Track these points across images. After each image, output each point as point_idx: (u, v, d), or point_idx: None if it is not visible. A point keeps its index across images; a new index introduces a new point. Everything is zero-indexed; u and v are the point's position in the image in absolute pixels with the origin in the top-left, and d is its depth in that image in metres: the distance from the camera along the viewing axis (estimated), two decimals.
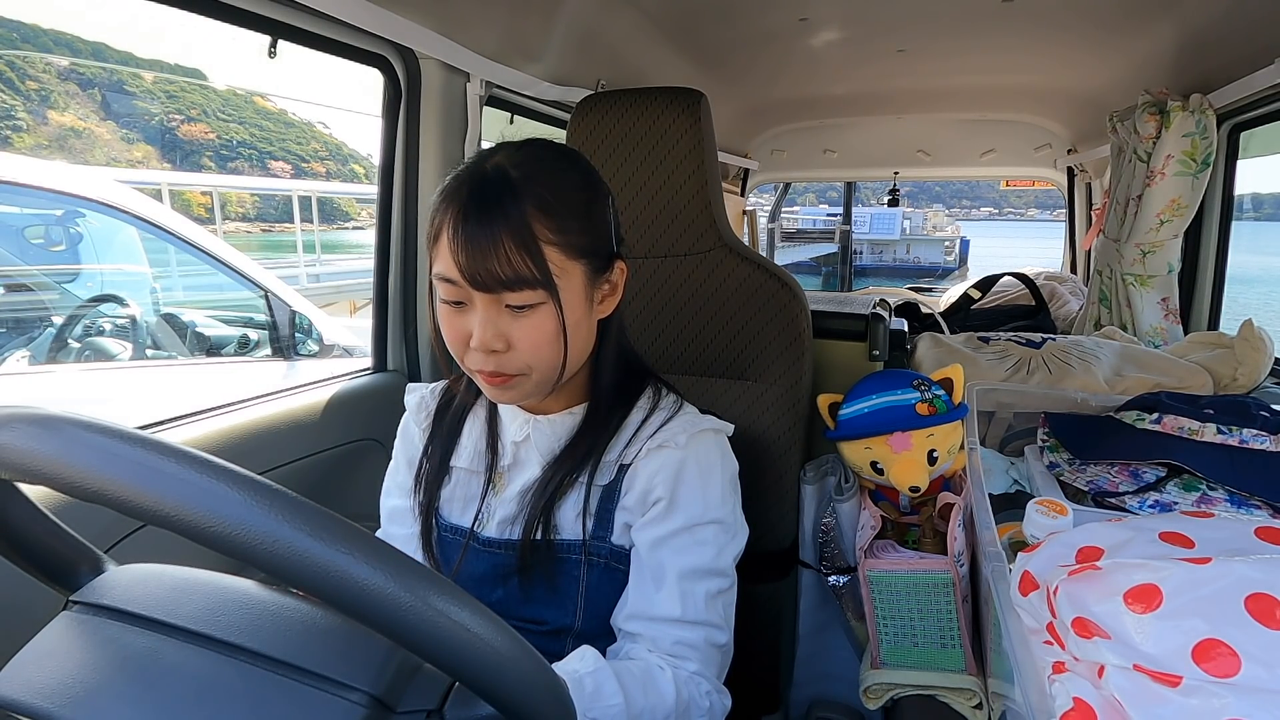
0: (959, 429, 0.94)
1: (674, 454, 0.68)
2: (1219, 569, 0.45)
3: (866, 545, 0.88)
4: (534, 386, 0.64)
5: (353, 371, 1.25)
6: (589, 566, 0.69)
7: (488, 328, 0.60)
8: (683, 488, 0.68)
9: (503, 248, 0.57)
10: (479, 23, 1.16)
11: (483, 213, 0.58)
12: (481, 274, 0.57)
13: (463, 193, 0.59)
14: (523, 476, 0.72)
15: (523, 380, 0.63)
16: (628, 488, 0.69)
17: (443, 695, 0.40)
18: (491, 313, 0.60)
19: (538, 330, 0.60)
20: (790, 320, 1.01)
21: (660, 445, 0.68)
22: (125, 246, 2.36)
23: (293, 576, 0.31)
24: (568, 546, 0.69)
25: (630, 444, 0.70)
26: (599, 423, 0.70)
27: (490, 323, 0.60)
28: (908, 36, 1.68)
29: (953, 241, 24.19)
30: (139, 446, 0.32)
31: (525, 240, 0.58)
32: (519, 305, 0.60)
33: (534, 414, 0.73)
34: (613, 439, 0.70)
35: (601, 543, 0.69)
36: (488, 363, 0.61)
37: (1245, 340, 1.15)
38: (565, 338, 0.62)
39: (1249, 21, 1.27)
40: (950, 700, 0.84)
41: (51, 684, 0.37)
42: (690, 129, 0.99)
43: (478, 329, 0.60)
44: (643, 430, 0.70)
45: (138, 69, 26.20)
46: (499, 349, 0.61)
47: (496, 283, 0.58)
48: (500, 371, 0.62)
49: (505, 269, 0.57)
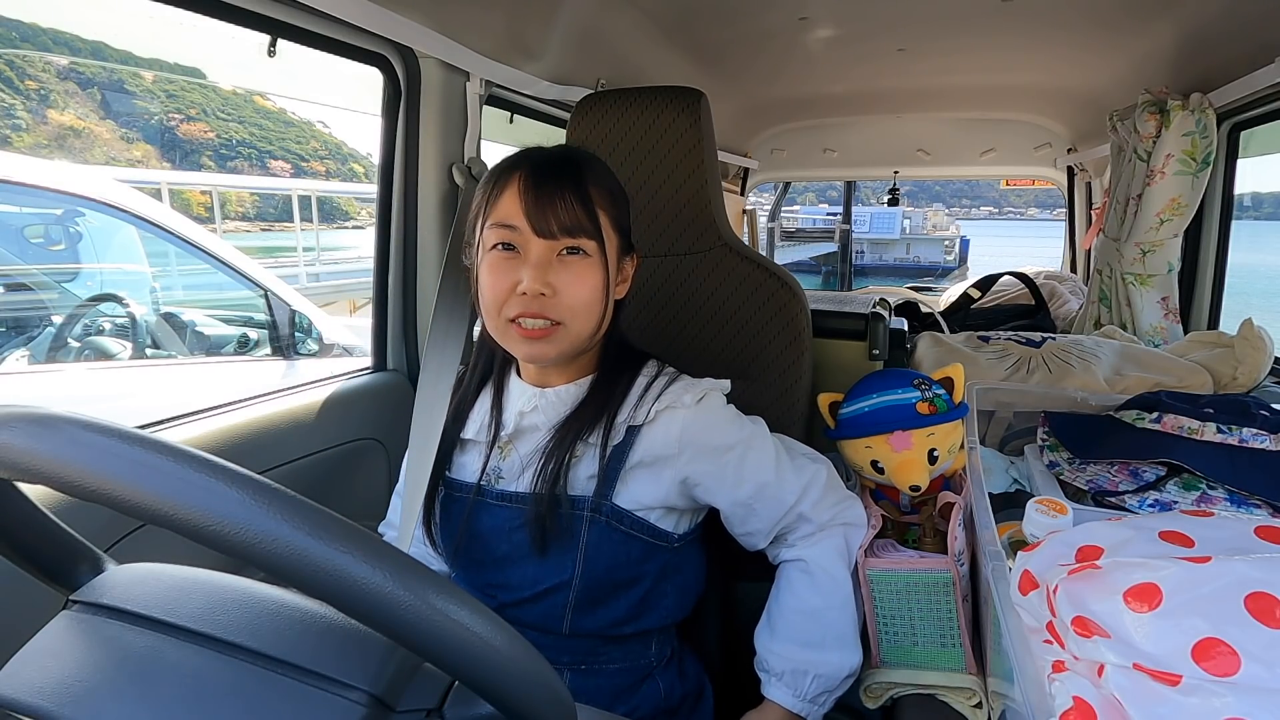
0: (959, 428, 0.94)
1: (680, 415, 0.74)
2: (1219, 568, 0.45)
3: (867, 544, 0.88)
4: (569, 343, 0.70)
5: (352, 371, 1.25)
6: (590, 524, 0.72)
7: (541, 271, 0.67)
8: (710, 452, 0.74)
9: (567, 198, 0.67)
10: (479, 22, 1.16)
11: (550, 170, 0.68)
12: (546, 219, 0.66)
13: (530, 157, 0.70)
14: (529, 442, 0.76)
15: (561, 332, 0.68)
16: (637, 448, 0.73)
17: (442, 694, 0.40)
18: (545, 258, 0.67)
19: (584, 279, 0.68)
20: (790, 319, 1.01)
21: (669, 407, 0.73)
22: (125, 246, 2.36)
23: (292, 576, 0.31)
24: (575, 502, 0.72)
25: (639, 405, 0.74)
26: (606, 387, 0.75)
27: (543, 267, 0.67)
28: (907, 35, 1.68)
29: (953, 241, 24.16)
30: (138, 446, 0.32)
31: (584, 197, 0.68)
32: (572, 249, 0.68)
33: (541, 387, 0.77)
34: (621, 403, 0.74)
35: (604, 500, 0.73)
36: (532, 305, 0.67)
37: (1245, 339, 1.15)
38: (607, 291, 0.70)
39: (1249, 20, 1.26)
40: (950, 699, 0.84)
41: (51, 683, 0.37)
42: (690, 128, 0.99)
43: (530, 271, 0.66)
44: (649, 393, 0.75)
45: (137, 68, 26.14)
46: (546, 293, 0.67)
47: (559, 228, 0.66)
48: (543, 315, 0.67)
49: (567, 216, 0.66)
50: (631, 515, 0.73)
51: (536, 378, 0.78)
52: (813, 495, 0.79)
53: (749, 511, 0.77)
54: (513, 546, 0.74)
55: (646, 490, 0.74)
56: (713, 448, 0.74)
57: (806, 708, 0.74)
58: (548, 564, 0.73)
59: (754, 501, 0.77)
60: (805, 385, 1.02)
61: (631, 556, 0.74)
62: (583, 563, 0.72)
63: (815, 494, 0.79)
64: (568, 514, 0.72)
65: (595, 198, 0.69)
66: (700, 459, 0.74)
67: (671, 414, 0.74)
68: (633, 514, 0.73)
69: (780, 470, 0.77)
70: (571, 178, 0.68)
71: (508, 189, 0.68)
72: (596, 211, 0.69)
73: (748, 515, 0.78)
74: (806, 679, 0.74)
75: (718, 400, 0.78)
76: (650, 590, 0.77)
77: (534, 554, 0.73)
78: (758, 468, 0.76)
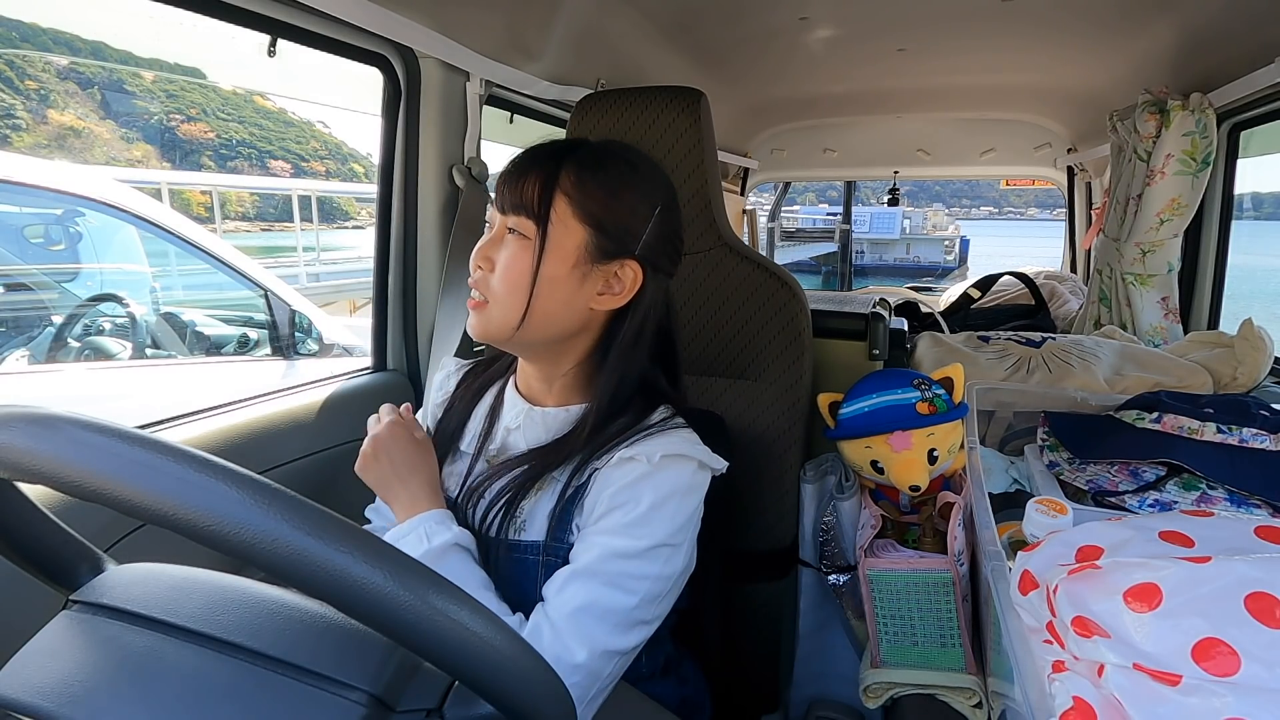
0: (959, 428, 0.94)
1: (638, 468, 0.64)
2: (1219, 568, 0.45)
3: (867, 544, 0.88)
4: (495, 325, 0.66)
5: (352, 371, 1.25)
6: (545, 568, 0.67)
7: (486, 244, 0.66)
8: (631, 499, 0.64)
9: (528, 177, 0.64)
10: (479, 22, 1.16)
11: (537, 149, 0.67)
12: (505, 192, 0.65)
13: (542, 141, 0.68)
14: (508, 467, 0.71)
15: (487, 311, 0.66)
16: (591, 492, 0.67)
17: (442, 694, 0.40)
18: (497, 234, 0.66)
19: (513, 259, 0.65)
20: (790, 319, 1.01)
21: (631, 457, 0.65)
22: (125, 245, 2.36)
23: (292, 576, 0.31)
24: (527, 547, 0.67)
25: (609, 450, 0.67)
26: (590, 425, 0.68)
27: (491, 241, 0.66)
28: (908, 35, 1.68)
29: (952, 241, 24.17)
30: (138, 446, 0.32)
31: (545, 176, 0.64)
32: (512, 229, 0.65)
33: (531, 404, 0.73)
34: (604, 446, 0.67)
35: (560, 544, 0.67)
36: (473, 275, 0.66)
37: (1245, 339, 1.15)
38: (534, 281, 0.64)
39: (1249, 20, 1.26)
40: (950, 699, 0.84)
41: (51, 683, 0.37)
42: (690, 128, 0.99)
43: (480, 242, 0.67)
44: (624, 438, 0.67)
45: (137, 68, 26.15)
46: (483, 267, 0.66)
47: (508, 204, 0.65)
48: (477, 286, 0.66)
49: (517, 194, 0.64)
50: None
51: (525, 390, 0.74)
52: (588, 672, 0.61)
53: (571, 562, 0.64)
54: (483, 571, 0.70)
55: None
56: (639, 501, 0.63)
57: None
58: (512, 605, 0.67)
59: (573, 568, 0.63)
60: (805, 385, 1.02)
61: None
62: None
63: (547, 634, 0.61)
64: (520, 559, 0.67)
65: (564, 181, 0.64)
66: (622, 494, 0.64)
67: (632, 465, 0.65)
68: None
69: (617, 596, 0.61)
70: (545, 156, 0.65)
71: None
72: (553, 193, 0.63)
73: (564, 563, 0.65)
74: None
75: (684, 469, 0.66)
76: None
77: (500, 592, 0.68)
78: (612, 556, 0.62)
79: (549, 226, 0.64)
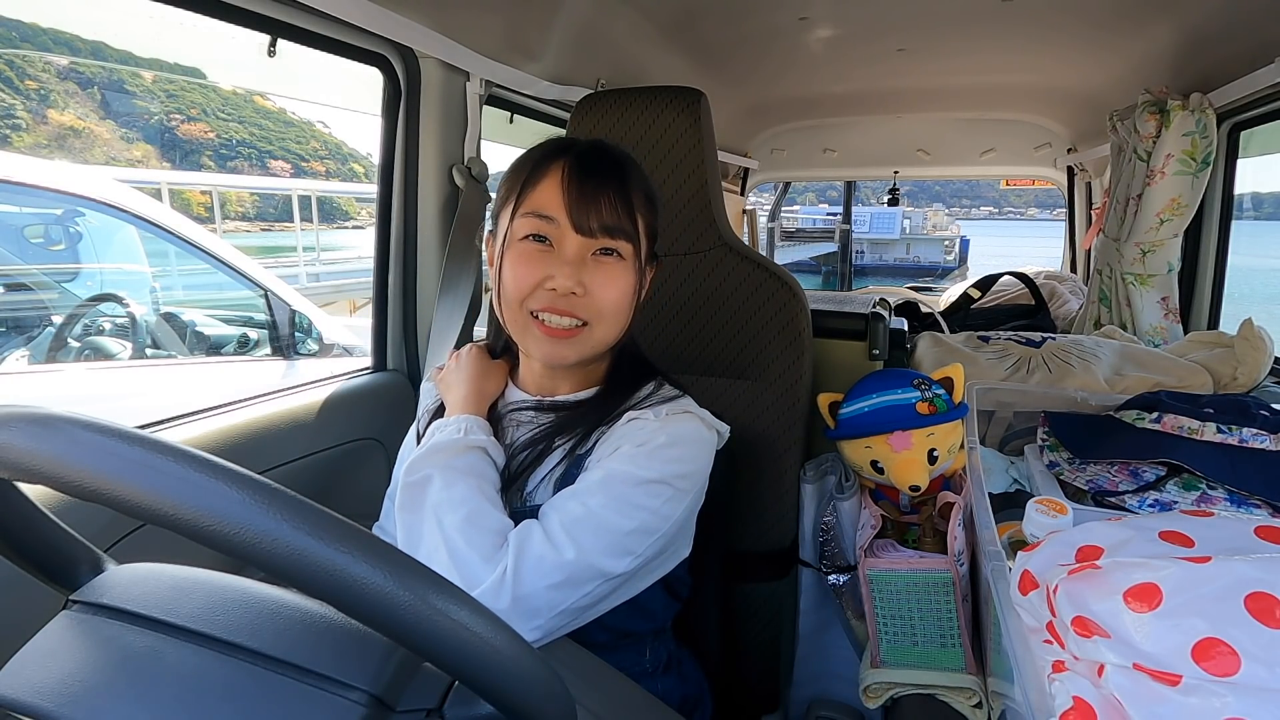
0: (959, 428, 0.94)
1: (647, 424, 0.69)
2: (1219, 568, 0.45)
3: (866, 544, 0.88)
4: (592, 346, 0.68)
5: (352, 371, 1.25)
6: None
7: (576, 268, 0.65)
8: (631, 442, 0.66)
9: (610, 197, 0.65)
10: (479, 22, 1.16)
11: (596, 165, 0.66)
12: (588, 215, 0.64)
13: (575, 148, 0.68)
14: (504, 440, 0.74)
15: (586, 334, 0.67)
16: (597, 451, 0.70)
17: (442, 694, 0.40)
18: (580, 255, 0.66)
19: (616, 281, 0.67)
20: (790, 319, 1.01)
21: (637, 416, 0.70)
22: (125, 245, 2.36)
23: (292, 575, 0.31)
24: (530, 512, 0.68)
25: (614, 417, 0.71)
26: (603, 404, 0.73)
27: (578, 264, 0.65)
28: (908, 36, 1.68)
29: (952, 241, 24.18)
30: (138, 446, 0.32)
31: (626, 197, 0.66)
32: (607, 250, 0.66)
33: (545, 395, 0.75)
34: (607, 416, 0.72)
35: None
36: (561, 303, 0.65)
37: (1245, 339, 1.15)
38: (638, 297, 0.69)
39: (1249, 20, 1.26)
40: (950, 699, 0.84)
41: (51, 683, 0.37)
42: (690, 128, 0.99)
43: (564, 268, 0.64)
44: (629, 405, 0.72)
45: (137, 68, 26.16)
46: (578, 292, 0.65)
47: (599, 227, 0.65)
48: (571, 313, 0.66)
49: (609, 215, 0.65)
50: None
51: (541, 384, 0.75)
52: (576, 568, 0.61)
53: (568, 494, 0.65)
54: None
55: None
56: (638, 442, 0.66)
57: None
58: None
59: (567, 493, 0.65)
60: (805, 385, 1.02)
61: None
62: None
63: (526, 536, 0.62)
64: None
65: (635, 200, 0.68)
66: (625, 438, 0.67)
67: (635, 422, 0.69)
68: None
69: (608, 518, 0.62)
70: (616, 176, 0.67)
71: (546, 178, 0.65)
72: (636, 214, 0.67)
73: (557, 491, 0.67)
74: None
75: (686, 418, 0.70)
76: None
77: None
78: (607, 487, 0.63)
79: (639, 245, 0.67)
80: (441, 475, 0.64)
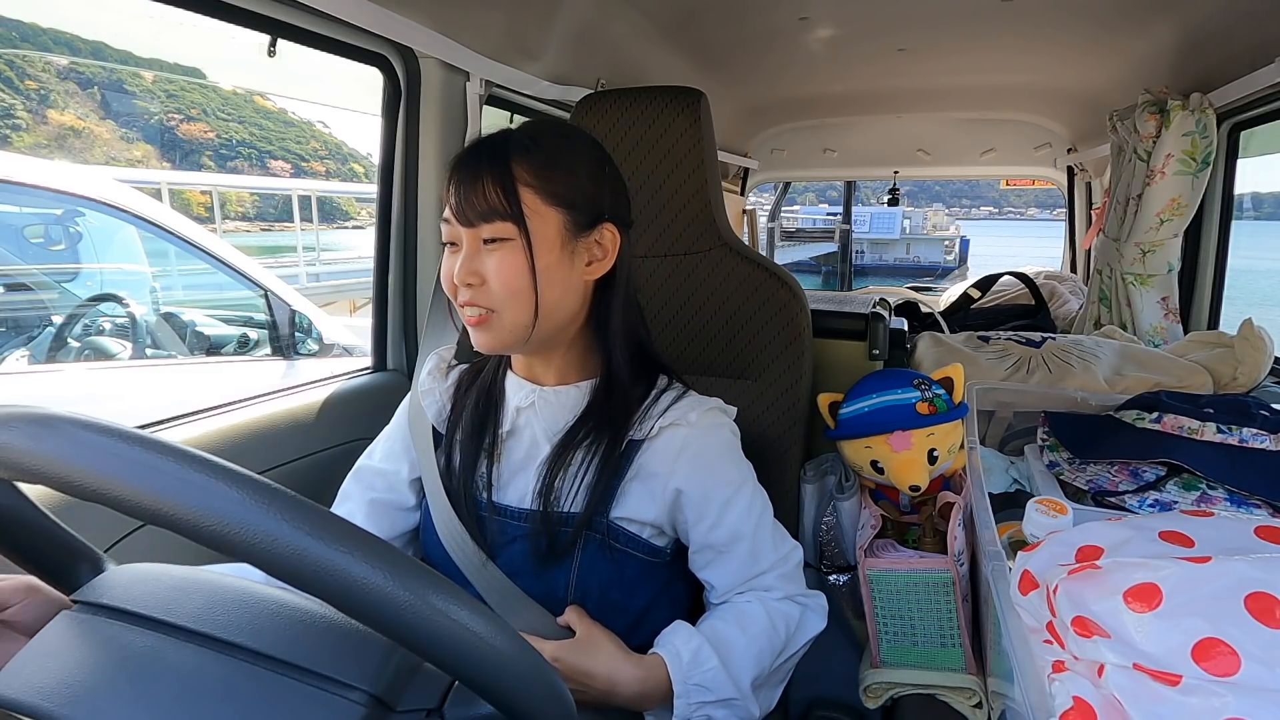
0: (959, 428, 0.94)
1: (683, 432, 0.71)
2: (1219, 568, 0.45)
3: (867, 544, 0.88)
4: (509, 331, 0.67)
5: (352, 371, 1.25)
6: (585, 542, 0.70)
7: (466, 261, 0.65)
8: (705, 473, 0.72)
9: (483, 183, 0.64)
10: (479, 22, 1.16)
11: (474, 156, 0.66)
12: (465, 208, 0.64)
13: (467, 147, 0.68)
14: (522, 445, 0.74)
15: (496, 320, 0.66)
16: (638, 465, 0.71)
17: (442, 694, 0.40)
18: (472, 248, 0.65)
19: (507, 265, 0.64)
20: (790, 319, 1.01)
21: (672, 423, 0.71)
22: (125, 245, 2.36)
23: (292, 575, 0.31)
24: (570, 519, 0.70)
25: (643, 420, 0.72)
26: (610, 399, 0.72)
27: (469, 257, 0.65)
28: (908, 35, 1.68)
29: (953, 241, 24.17)
30: (138, 446, 0.32)
31: (501, 176, 0.64)
32: (491, 239, 0.64)
33: (538, 384, 0.74)
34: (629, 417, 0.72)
35: (599, 517, 0.70)
36: (464, 294, 0.66)
37: (1245, 339, 1.15)
38: (534, 278, 0.65)
39: (1249, 20, 1.26)
40: (950, 699, 0.84)
41: (51, 683, 0.37)
42: (690, 128, 0.99)
43: (460, 263, 0.65)
44: (654, 408, 0.72)
45: (137, 68, 26.15)
46: (473, 283, 0.65)
47: (475, 215, 0.64)
48: (474, 303, 0.66)
49: (481, 202, 0.63)
50: (626, 532, 0.71)
51: (525, 371, 0.76)
52: (786, 569, 0.75)
53: (717, 557, 0.73)
54: (504, 561, 0.72)
55: (642, 506, 0.71)
56: (708, 468, 0.72)
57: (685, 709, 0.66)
58: (539, 581, 0.71)
59: (726, 550, 0.73)
60: (805, 385, 1.02)
61: (625, 575, 0.71)
62: (576, 582, 0.70)
63: (789, 569, 0.76)
64: (563, 532, 0.70)
65: (520, 173, 0.64)
66: (696, 475, 0.71)
67: (674, 430, 0.71)
68: (627, 530, 0.71)
69: (759, 531, 0.74)
70: (489, 159, 0.65)
71: (449, 184, 0.67)
72: (516, 189, 0.64)
73: (714, 560, 0.74)
74: (705, 694, 0.66)
75: (723, 422, 0.76)
76: (646, 608, 0.74)
77: (526, 570, 0.71)
78: (740, 519, 0.73)
79: (527, 222, 0.65)
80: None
